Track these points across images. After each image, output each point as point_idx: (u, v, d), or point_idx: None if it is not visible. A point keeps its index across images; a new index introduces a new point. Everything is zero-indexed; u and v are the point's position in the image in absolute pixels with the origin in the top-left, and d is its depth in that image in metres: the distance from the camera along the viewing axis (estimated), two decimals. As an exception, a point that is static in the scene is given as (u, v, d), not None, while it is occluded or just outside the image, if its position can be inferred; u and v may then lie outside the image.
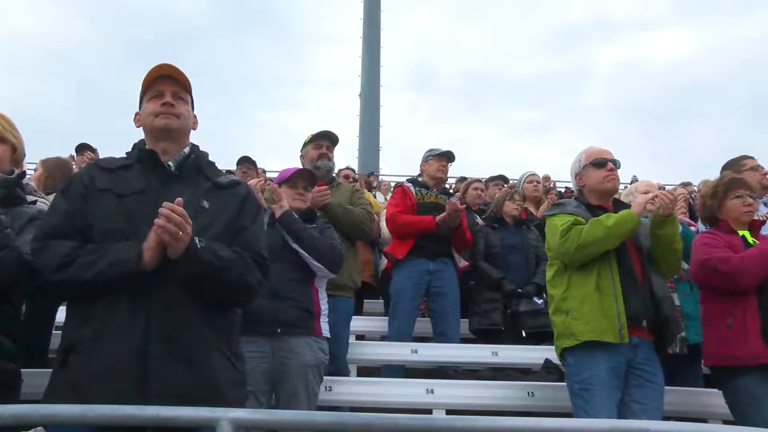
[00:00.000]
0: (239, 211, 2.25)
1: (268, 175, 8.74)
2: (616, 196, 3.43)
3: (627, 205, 3.25)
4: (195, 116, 2.40)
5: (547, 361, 3.80)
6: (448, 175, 5.18)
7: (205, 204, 2.17)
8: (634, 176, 11.92)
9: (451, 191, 5.72)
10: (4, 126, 2.49)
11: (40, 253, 2.06)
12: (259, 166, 7.58)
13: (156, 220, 1.88)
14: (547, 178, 9.35)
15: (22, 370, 2.31)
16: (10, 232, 2.23)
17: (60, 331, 2.14)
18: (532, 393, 3.47)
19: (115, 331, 1.94)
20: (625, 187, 5.65)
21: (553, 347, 3.23)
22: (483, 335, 4.72)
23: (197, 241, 1.97)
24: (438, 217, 4.50)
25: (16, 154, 2.57)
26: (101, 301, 1.98)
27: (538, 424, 1.52)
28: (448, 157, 4.96)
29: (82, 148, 6.94)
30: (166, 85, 2.29)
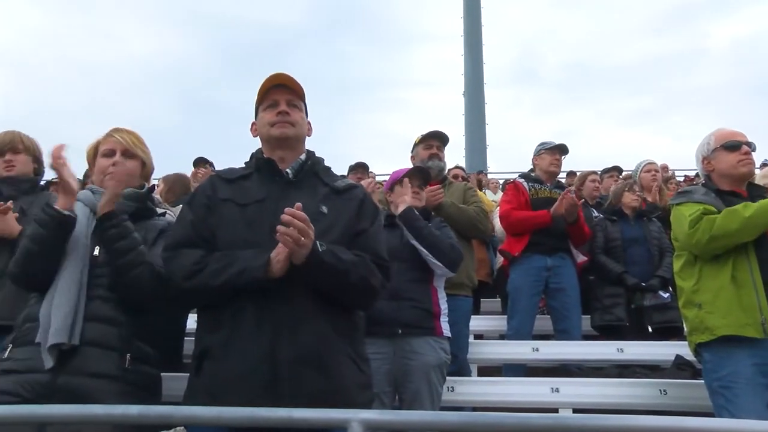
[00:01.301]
0: (357, 214, 2.26)
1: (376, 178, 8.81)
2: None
3: (763, 189, 3.03)
4: (309, 123, 2.45)
5: (678, 357, 3.60)
6: (557, 169, 5.03)
7: (324, 209, 2.20)
8: (766, 159, 11.06)
9: (566, 185, 5.55)
10: (134, 142, 2.59)
11: (171, 263, 2.16)
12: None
13: (279, 227, 1.91)
14: (665, 168, 8.86)
15: (162, 374, 2.44)
16: (144, 248, 2.34)
17: (191, 337, 2.25)
18: (664, 391, 3.29)
19: (243, 336, 2.00)
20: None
21: (682, 343, 3.06)
22: (606, 331, 4.55)
23: (319, 245, 1.99)
24: (552, 209, 4.38)
25: (146, 169, 2.67)
26: (229, 308, 2.05)
27: (682, 423, 1.44)
28: (561, 149, 4.84)
29: (198, 162, 7.17)
30: (281, 94, 2.34)
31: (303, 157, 2.35)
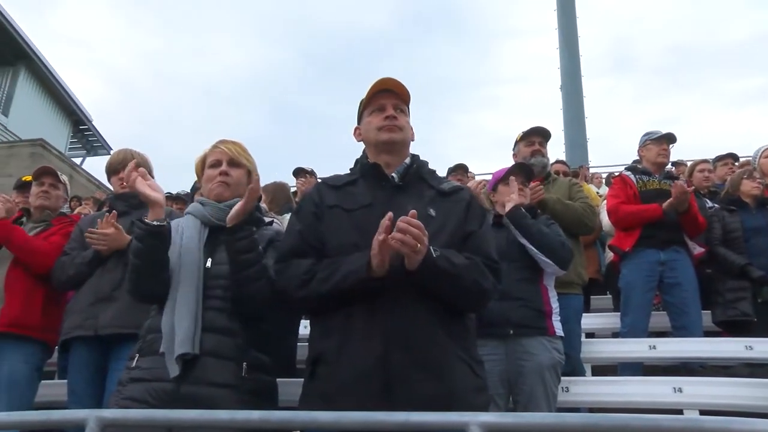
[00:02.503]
0: (465, 216, 2.25)
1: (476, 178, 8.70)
2: None
3: None
4: (412, 127, 2.45)
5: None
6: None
7: (432, 212, 2.19)
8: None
9: (676, 175, 5.30)
10: (239, 151, 2.63)
11: (283, 273, 2.20)
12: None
13: (394, 233, 1.90)
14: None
15: (277, 380, 2.48)
16: (267, 263, 2.35)
17: (302, 343, 2.27)
18: (804, 392, 3.06)
19: (355, 341, 2.00)
20: None
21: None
22: (730, 327, 4.31)
23: (433, 251, 1.98)
24: (665, 204, 4.21)
25: (251, 178, 2.69)
26: (340, 313, 2.06)
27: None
28: (668, 139, 4.63)
29: (298, 173, 7.30)
30: (387, 99, 2.35)
31: (408, 161, 2.36)
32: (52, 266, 3.38)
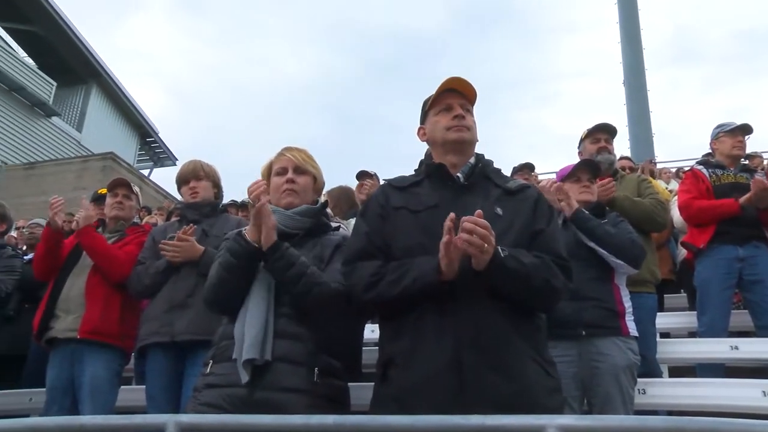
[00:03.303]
0: (533, 215, 2.21)
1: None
2: None
3: None
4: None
5: None
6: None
7: (499, 211, 2.16)
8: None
9: (753, 168, 5.08)
10: (304, 158, 2.66)
11: (350, 277, 2.20)
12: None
13: (460, 234, 1.89)
14: None
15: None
16: (315, 269, 2.36)
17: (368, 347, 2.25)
18: None
19: (426, 344, 1.99)
20: None
21: None
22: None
23: (501, 251, 1.95)
24: (742, 199, 4.03)
25: (317, 184, 2.73)
26: (409, 316, 2.05)
27: None
28: (743, 130, 4.44)
29: (361, 176, 7.32)
30: (454, 98, 2.34)
31: (472, 160, 2.34)
32: (128, 275, 3.50)
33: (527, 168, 6.58)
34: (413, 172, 2.45)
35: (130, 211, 3.97)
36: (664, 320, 4.55)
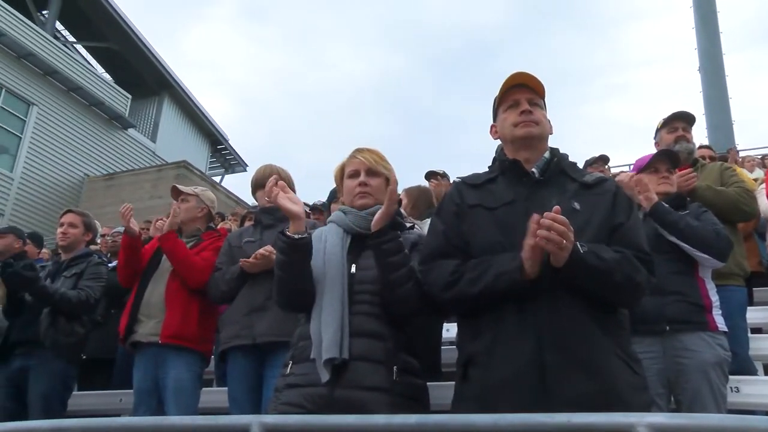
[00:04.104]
0: (612, 208, 2.14)
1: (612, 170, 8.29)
2: None
3: None
4: (549, 120, 2.37)
5: None
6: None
7: (576, 205, 2.11)
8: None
9: None
10: (376, 160, 2.64)
11: (428, 275, 2.18)
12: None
13: (538, 231, 1.85)
14: None
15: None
16: (414, 265, 2.33)
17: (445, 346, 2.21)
18: None
19: (507, 342, 1.96)
20: None
21: None
22: None
23: (580, 246, 1.91)
24: None
25: (390, 184, 2.73)
26: (488, 314, 2.03)
27: None
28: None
29: (430, 176, 7.29)
30: (521, 94, 2.30)
31: (547, 154, 2.28)
32: (206, 281, 3.59)
33: (601, 160, 6.40)
34: (486, 169, 2.42)
35: (187, 213, 4.01)
36: (754, 315, 4.30)
